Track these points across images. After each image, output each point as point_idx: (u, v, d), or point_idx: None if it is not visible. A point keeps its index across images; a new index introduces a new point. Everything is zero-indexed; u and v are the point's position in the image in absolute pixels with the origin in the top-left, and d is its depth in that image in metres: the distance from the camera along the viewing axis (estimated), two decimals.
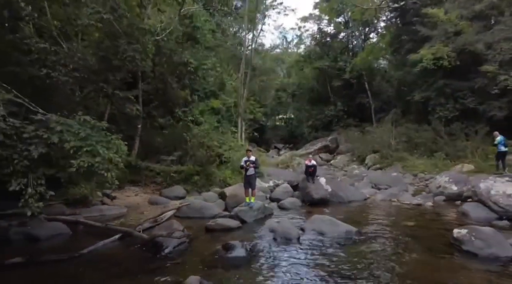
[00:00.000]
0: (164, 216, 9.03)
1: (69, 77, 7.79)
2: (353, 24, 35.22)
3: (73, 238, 7.85)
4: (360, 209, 10.73)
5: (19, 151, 5.64)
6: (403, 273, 5.62)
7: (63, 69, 7.64)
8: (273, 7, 31.04)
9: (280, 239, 7.41)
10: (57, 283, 5.59)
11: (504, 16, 16.14)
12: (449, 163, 16.44)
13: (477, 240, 6.38)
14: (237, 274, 5.70)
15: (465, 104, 17.77)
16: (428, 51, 17.20)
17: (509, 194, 8.88)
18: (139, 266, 6.22)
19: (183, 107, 15.74)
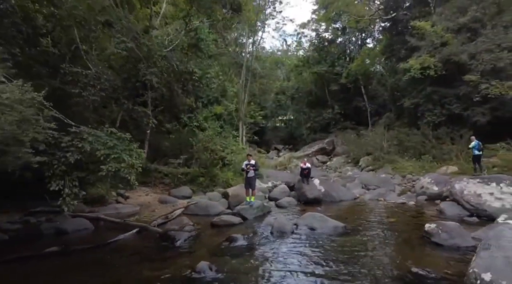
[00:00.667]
0: (174, 213, 10.07)
1: (97, 96, 8.87)
2: (349, 30, 36.16)
3: (96, 232, 8.89)
4: (349, 208, 11.78)
5: (58, 157, 6.68)
6: (379, 260, 6.65)
7: (92, 89, 8.72)
8: (272, 17, 32.05)
9: (276, 233, 8.45)
10: (89, 267, 6.62)
11: (486, 29, 17.17)
12: (436, 165, 17.46)
13: (443, 233, 7.42)
14: (239, 261, 6.73)
15: (451, 110, 18.78)
16: (416, 61, 18.26)
17: (479, 194, 9.92)
18: (156, 254, 7.27)
19: (188, 113, 16.76)
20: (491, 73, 16.29)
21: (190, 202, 11.14)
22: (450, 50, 17.55)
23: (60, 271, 6.31)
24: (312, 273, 6.05)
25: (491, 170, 14.74)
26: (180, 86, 16.44)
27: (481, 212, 9.61)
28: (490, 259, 5.24)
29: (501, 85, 15.80)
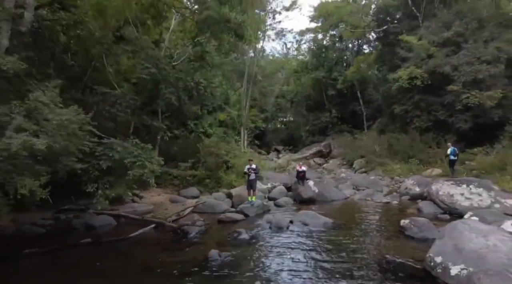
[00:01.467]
0: (185, 211, 11.35)
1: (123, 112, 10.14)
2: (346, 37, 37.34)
3: (118, 227, 10.16)
4: (340, 207, 13.04)
5: (93, 164, 7.94)
6: (360, 250, 7.91)
7: (119, 107, 9.97)
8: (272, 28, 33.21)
9: (274, 228, 9.72)
10: (118, 255, 7.90)
11: (468, 43, 18.41)
12: (422, 167, 18.68)
13: (414, 228, 8.69)
14: (243, 250, 8.00)
15: (437, 117, 20.00)
16: (404, 72, 19.51)
17: (452, 194, 11.18)
18: (173, 245, 8.56)
19: (195, 120, 18.03)
20: (472, 84, 17.52)
21: (198, 202, 12.41)
22: (435, 62, 18.80)
23: (94, 258, 7.58)
24: (303, 260, 7.32)
25: (471, 173, 16.01)
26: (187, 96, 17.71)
27: (453, 210, 10.86)
28: (442, 246, 6.51)
29: (481, 95, 17.04)
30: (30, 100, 5.73)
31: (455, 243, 6.39)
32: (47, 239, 8.60)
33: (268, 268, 6.90)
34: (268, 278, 6.36)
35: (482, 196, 10.80)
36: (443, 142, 19.49)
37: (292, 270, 6.77)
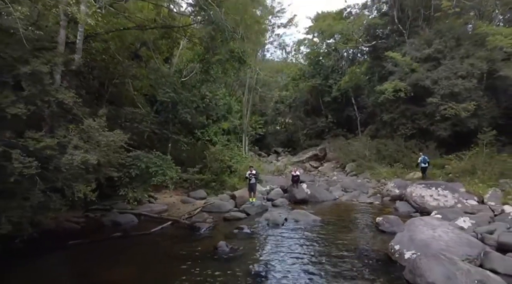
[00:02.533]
0: (196, 210, 13.01)
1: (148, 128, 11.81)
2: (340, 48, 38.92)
3: (140, 224, 11.80)
4: (328, 206, 14.71)
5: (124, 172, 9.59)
6: (340, 241, 9.58)
7: (145, 124, 11.64)
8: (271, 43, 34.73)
9: (271, 224, 11.39)
10: (144, 246, 9.56)
11: (446, 59, 20.11)
12: (405, 171, 20.32)
13: (386, 223, 10.37)
14: (246, 242, 9.66)
15: (420, 125, 21.67)
16: (390, 85, 21.19)
17: (423, 195, 12.85)
18: (188, 238, 10.22)
19: (201, 129, 19.69)
20: (449, 96, 19.19)
21: (206, 202, 14.07)
22: (417, 76, 20.48)
23: (126, 248, 9.26)
24: (294, 249, 9.01)
25: (447, 176, 17.69)
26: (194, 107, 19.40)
27: (423, 209, 12.54)
28: (401, 237, 8.20)
29: (457, 106, 18.71)
30: (84, 126, 7.40)
31: (410, 234, 8.08)
32: (83, 233, 10.24)
33: (266, 256, 8.60)
34: (266, 262, 8.04)
35: (447, 197, 12.49)
36: (424, 148, 21.18)
37: (285, 256, 8.46)
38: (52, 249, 8.63)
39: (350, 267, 7.71)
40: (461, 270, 6.11)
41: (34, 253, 8.10)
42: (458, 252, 7.11)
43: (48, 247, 8.62)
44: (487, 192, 13.39)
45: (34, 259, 7.93)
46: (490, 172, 16.07)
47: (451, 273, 6.11)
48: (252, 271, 7.46)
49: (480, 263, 7.17)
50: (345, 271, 7.46)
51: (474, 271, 6.17)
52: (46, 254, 8.32)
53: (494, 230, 9.29)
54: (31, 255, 7.99)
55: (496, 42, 17.91)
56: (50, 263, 8.03)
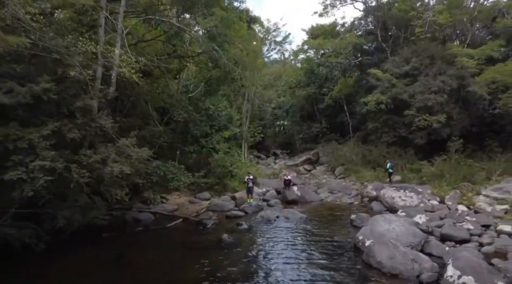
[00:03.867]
0: (202, 209, 15.08)
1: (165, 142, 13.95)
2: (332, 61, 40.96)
3: (156, 220, 13.82)
4: (315, 206, 16.78)
5: (146, 178, 11.64)
6: (320, 234, 11.65)
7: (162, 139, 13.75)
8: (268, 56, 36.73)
9: (265, 221, 13.45)
10: (162, 238, 11.63)
11: (421, 76, 22.22)
12: (386, 175, 22.36)
13: (358, 220, 12.43)
14: (244, 235, 11.74)
15: (400, 133, 23.72)
16: (372, 98, 23.31)
17: (393, 197, 14.93)
18: (197, 232, 12.28)
19: (205, 137, 21.72)
20: (424, 109, 21.27)
21: (211, 203, 16.12)
22: (397, 90, 22.58)
23: (148, 239, 11.35)
24: (282, 240, 11.08)
25: (420, 180, 19.75)
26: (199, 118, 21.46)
27: (393, 208, 14.59)
28: (364, 230, 10.27)
29: (430, 118, 20.81)
30: (120, 144, 9.46)
31: (372, 228, 10.16)
32: (111, 228, 12.24)
33: (260, 245, 10.67)
34: (259, 250, 10.12)
35: (413, 198, 14.57)
36: (403, 154, 23.28)
37: (275, 246, 10.55)
38: (91, 240, 10.69)
39: (325, 252, 9.81)
40: (400, 252, 8.20)
41: (79, 243, 10.15)
42: (404, 240, 9.18)
43: (88, 239, 10.65)
44: (448, 194, 15.47)
45: (81, 247, 9.99)
46: (456, 176, 18.16)
47: (393, 254, 8.20)
48: (249, 257, 9.55)
49: (421, 249, 9.25)
50: (321, 255, 9.56)
51: (409, 253, 8.25)
52: (88, 244, 10.38)
53: (442, 224, 11.37)
54: (78, 244, 10.05)
55: (463, 62, 20.02)
56: (93, 249, 10.12)
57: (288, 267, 8.71)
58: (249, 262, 9.24)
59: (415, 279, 7.67)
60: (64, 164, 8.14)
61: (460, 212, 12.64)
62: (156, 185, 12.44)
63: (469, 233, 10.41)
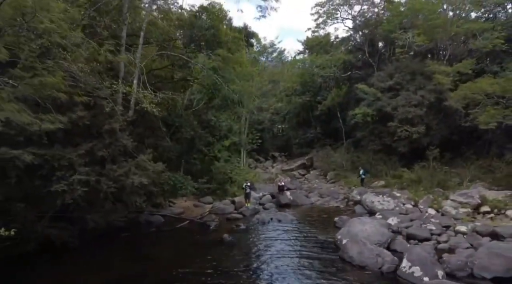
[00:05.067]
0: (206, 212, 16.76)
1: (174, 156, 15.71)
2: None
3: (166, 222, 15.47)
4: (305, 209, 18.47)
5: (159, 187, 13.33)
6: (307, 233, 13.36)
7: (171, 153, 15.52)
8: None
9: (260, 223, 15.13)
10: (174, 236, 13.31)
11: (403, 90, 23.98)
12: (372, 180, 24.10)
13: (340, 222, 14.12)
14: (242, 234, 13.44)
15: (385, 142, 25.40)
16: (359, 111, 25.08)
17: (373, 201, 16.63)
18: (202, 232, 13.97)
19: (207, 146, 23.43)
20: (405, 121, 23.01)
21: (213, 206, 17.81)
22: (381, 103, 24.31)
23: (161, 238, 13.03)
24: (274, 239, 12.77)
25: (402, 185, 21.47)
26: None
27: (372, 211, 16.28)
28: (343, 230, 11.96)
29: (410, 129, 22.55)
30: (138, 160, 11.16)
31: (348, 228, 11.86)
32: (128, 229, 13.94)
33: (255, 243, 12.39)
34: (255, 247, 11.83)
35: (390, 202, 16.29)
36: (388, 161, 25.01)
37: (268, 244, 12.24)
38: (113, 239, 12.38)
39: (310, 249, 11.52)
40: (368, 248, 9.91)
41: (103, 241, 11.83)
42: (374, 239, 10.86)
43: (110, 238, 12.34)
44: (422, 198, 17.17)
45: (104, 245, 11.67)
46: (432, 182, 19.88)
47: (362, 250, 9.91)
48: (246, 253, 11.25)
49: (387, 246, 10.95)
50: (306, 251, 11.25)
51: (375, 249, 9.96)
52: (110, 242, 12.07)
53: (410, 225, 13.08)
54: (102, 242, 11.73)
55: (440, 79, 21.78)
56: (114, 247, 11.80)
57: (279, 261, 10.36)
58: (246, 258, 10.92)
59: (378, 270, 9.37)
60: (95, 178, 9.85)
61: (428, 215, 14.34)
62: (167, 192, 14.13)
63: (431, 233, 12.14)
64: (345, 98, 32.19)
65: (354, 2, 30.08)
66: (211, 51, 13.37)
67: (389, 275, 9.11)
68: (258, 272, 9.64)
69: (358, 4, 30.13)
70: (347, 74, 30.50)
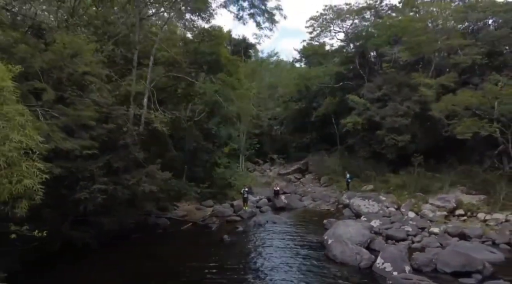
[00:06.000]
0: (207, 215, 18.06)
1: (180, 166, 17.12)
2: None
3: (171, 224, 16.73)
4: (298, 212, 19.78)
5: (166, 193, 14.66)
6: (300, 234, 14.66)
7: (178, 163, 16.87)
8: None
9: (257, 225, 16.42)
10: (179, 237, 14.61)
11: (390, 101, 25.36)
12: (362, 184, 25.40)
13: (328, 224, 15.41)
14: (241, 235, 14.74)
15: (375, 149, 26.73)
16: (350, 120, 26.47)
17: (359, 205, 17.95)
18: (204, 233, 15.26)
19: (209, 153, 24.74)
20: (392, 130, 24.37)
21: (214, 209, 19.09)
22: (371, 113, 25.68)
23: (167, 239, 14.33)
24: (270, 239, 14.09)
25: (388, 189, 22.78)
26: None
27: (359, 214, 17.57)
28: (329, 232, 13.26)
29: (397, 137, 23.90)
30: (148, 170, 12.48)
31: (334, 230, 13.17)
32: (138, 230, 15.18)
33: (252, 243, 13.70)
34: (252, 246, 13.14)
35: (374, 206, 17.62)
36: (377, 166, 26.32)
37: (264, 243, 13.56)
38: (126, 240, 13.66)
39: (300, 248, 12.84)
40: (349, 248, 11.23)
41: (117, 242, 13.11)
42: (355, 239, 12.17)
43: (123, 239, 13.61)
44: (405, 202, 18.50)
45: (118, 245, 12.96)
46: (415, 187, 21.20)
47: (344, 249, 11.23)
48: (243, 252, 12.56)
49: (367, 246, 12.26)
50: (296, 250, 12.57)
51: (355, 248, 11.28)
52: (124, 243, 13.36)
53: (390, 227, 14.40)
54: (116, 243, 13.01)
55: (424, 91, 23.16)
56: (127, 247, 13.09)
57: (272, 259, 11.68)
58: (244, 256, 12.23)
59: (357, 266, 10.68)
60: (113, 186, 11.18)
61: (407, 217, 15.67)
62: (172, 197, 15.47)
63: (407, 234, 13.46)
64: (339, 106, 33.53)
65: (347, 17, 31.50)
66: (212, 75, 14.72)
67: (366, 270, 10.43)
68: (254, 268, 10.95)
69: (350, 19, 31.54)
70: (340, 84, 31.89)
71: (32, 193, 5.28)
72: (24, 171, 4.84)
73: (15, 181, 4.78)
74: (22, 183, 4.79)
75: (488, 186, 18.48)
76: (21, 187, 4.83)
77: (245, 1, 16.53)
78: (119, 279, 10.20)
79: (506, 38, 24.29)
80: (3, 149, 4.42)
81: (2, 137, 4.41)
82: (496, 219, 14.50)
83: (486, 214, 15.35)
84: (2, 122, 4.44)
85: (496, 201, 16.40)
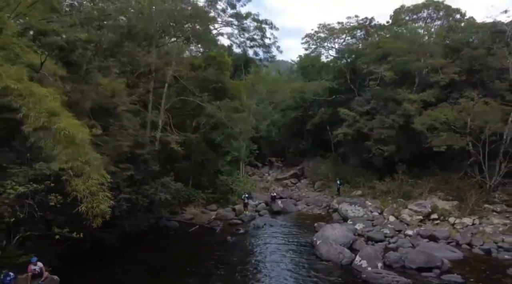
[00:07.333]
0: (212, 218, 19.82)
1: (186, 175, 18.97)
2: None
3: (180, 226, 18.46)
4: (293, 215, 21.55)
5: (178, 199, 16.45)
6: (292, 235, 16.45)
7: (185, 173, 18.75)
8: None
9: (256, 227, 18.18)
10: (187, 238, 16.37)
11: (378, 114, 27.22)
12: (352, 190, 27.18)
13: (318, 227, 17.17)
14: (241, 236, 16.52)
15: (364, 157, 28.56)
16: (341, 131, 28.33)
17: (347, 209, 19.73)
18: (209, 234, 17.02)
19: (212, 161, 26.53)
20: (379, 140, 26.21)
21: (217, 213, 20.85)
22: (360, 125, 27.52)
23: (178, 239, 16.10)
24: (267, 240, 15.86)
25: (374, 194, 24.58)
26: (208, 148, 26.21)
27: (346, 218, 19.33)
28: (318, 234, 15.05)
29: (383, 147, 25.74)
30: (163, 180, 14.31)
31: (322, 232, 14.95)
32: (150, 232, 16.90)
33: (252, 243, 15.48)
34: (252, 246, 14.92)
35: (360, 210, 19.41)
36: (366, 173, 28.14)
37: (262, 243, 15.34)
38: (142, 241, 15.42)
39: (292, 248, 14.62)
40: (333, 247, 13.03)
41: (135, 242, 14.88)
42: (340, 241, 13.94)
43: (140, 240, 15.37)
44: (387, 207, 20.29)
45: (136, 245, 14.72)
46: (399, 193, 23.01)
47: (329, 249, 13.02)
48: (244, 251, 14.33)
49: (350, 246, 14.04)
50: (289, 250, 14.35)
51: (339, 248, 13.07)
52: (141, 243, 15.12)
53: (372, 230, 16.19)
54: (134, 243, 14.78)
55: (407, 106, 25.04)
56: (145, 246, 14.86)
57: (269, 257, 13.47)
58: (245, 255, 14.00)
59: (339, 263, 12.46)
60: (135, 196, 12.99)
61: (387, 221, 17.47)
62: (182, 202, 17.28)
63: (385, 236, 15.26)
64: (332, 116, 35.41)
65: (339, 36, 33.50)
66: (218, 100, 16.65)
67: (346, 266, 12.22)
68: (254, 264, 12.74)
69: (341, 38, 33.54)
70: (332, 98, 33.83)
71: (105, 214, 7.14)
72: (100, 199, 6.69)
73: (95, 206, 6.69)
74: (100, 207, 6.66)
75: (461, 192, 20.31)
76: (99, 210, 6.70)
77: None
78: (142, 273, 11.95)
79: (481, 57, 26.21)
80: (88, 184, 6.25)
81: (87, 176, 6.24)
82: (463, 223, 16.31)
83: (456, 218, 17.13)
84: (87, 166, 6.27)
85: (466, 207, 18.21)
